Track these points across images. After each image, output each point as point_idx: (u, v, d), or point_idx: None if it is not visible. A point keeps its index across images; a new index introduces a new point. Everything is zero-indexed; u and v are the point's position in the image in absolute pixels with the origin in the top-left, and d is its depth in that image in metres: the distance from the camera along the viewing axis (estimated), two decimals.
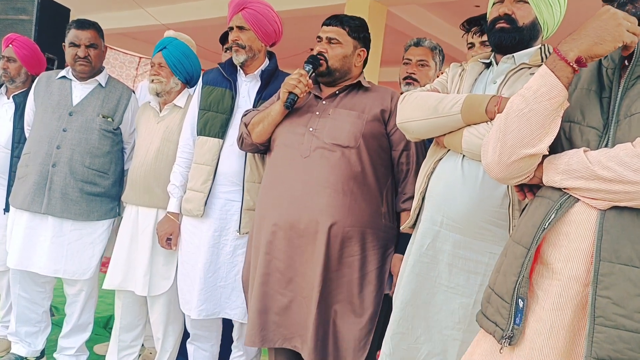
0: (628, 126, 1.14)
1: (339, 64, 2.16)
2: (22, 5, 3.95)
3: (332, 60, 2.15)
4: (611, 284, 1.07)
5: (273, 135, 2.20)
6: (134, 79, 9.48)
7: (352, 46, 2.18)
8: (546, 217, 1.18)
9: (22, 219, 2.65)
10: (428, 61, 2.72)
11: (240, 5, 2.37)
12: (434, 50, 2.76)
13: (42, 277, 2.74)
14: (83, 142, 2.62)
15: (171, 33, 2.89)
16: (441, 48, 2.82)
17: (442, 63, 2.83)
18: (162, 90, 2.57)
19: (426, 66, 2.72)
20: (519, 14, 1.64)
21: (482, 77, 1.74)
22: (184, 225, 2.47)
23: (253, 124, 2.21)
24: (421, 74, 2.70)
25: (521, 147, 1.19)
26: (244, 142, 2.26)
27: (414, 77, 2.69)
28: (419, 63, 2.71)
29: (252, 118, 2.22)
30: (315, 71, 2.16)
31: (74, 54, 2.64)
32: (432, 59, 2.74)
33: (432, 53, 2.75)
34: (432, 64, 2.74)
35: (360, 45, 2.20)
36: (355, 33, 2.18)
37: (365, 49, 2.23)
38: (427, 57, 2.72)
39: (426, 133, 1.72)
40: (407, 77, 2.69)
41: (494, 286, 1.28)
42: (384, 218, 2.11)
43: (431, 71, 2.73)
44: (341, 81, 2.20)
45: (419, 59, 2.71)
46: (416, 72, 2.69)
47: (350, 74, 2.20)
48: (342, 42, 2.16)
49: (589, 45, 1.15)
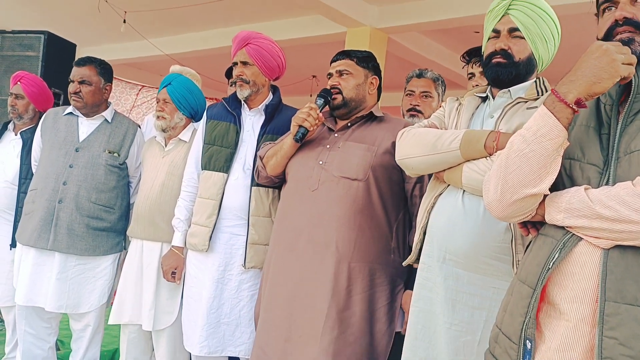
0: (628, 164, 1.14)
1: (354, 93, 2.17)
2: (29, 42, 4.03)
3: (346, 91, 2.17)
4: (617, 324, 1.06)
5: (287, 168, 2.21)
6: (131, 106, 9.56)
7: (363, 75, 2.20)
8: (550, 257, 1.17)
9: (29, 256, 2.66)
10: (431, 92, 2.74)
11: (244, 40, 2.41)
12: (437, 82, 2.78)
13: (48, 313, 2.74)
14: (89, 178, 2.65)
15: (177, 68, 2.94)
16: (443, 79, 2.85)
17: (444, 93, 2.86)
18: (167, 126, 2.62)
19: (429, 97, 2.74)
20: (515, 49, 1.65)
21: (479, 111, 1.76)
22: (189, 259, 2.47)
23: (267, 157, 2.23)
24: (425, 105, 2.72)
25: (523, 187, 1.19)
26: (260, 175, 2.28)
27: (418, 108, 2.71)
28: (422, 94, 2.73)
29: (267, 151, 2.24)
30: (329, 105, 2.18)
31: (69, 90, 2.72)
32: (434, 89, 2.76)
33: (434, 84, 2.77)
34: (435, 95, 2.76)
35: (371, 73, 2.23)
36: (364, 62, 2.21)
37: (377, 76, 2.24)
38: (430, 88, 2.75)
39: (426, 169, 1.73)
40: (411, 109, 2.71)
41: (501, 325, 1.27)
42: (394, 253, 2.07)
43: (434, 102, 2.75)
44: (356, 112, 2.21)
45: (422, 90, 2.73)
46: (420, 104, 2.71)
47: (366, 103, 2.21)
48: (353, 72, 2.19)
49: (587, 86, 1.16)
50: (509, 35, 1.66)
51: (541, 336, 1.18)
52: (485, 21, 1.74)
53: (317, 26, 7.23)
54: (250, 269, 2.35)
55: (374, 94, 2.24)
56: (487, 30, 1.73)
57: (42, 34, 4.07)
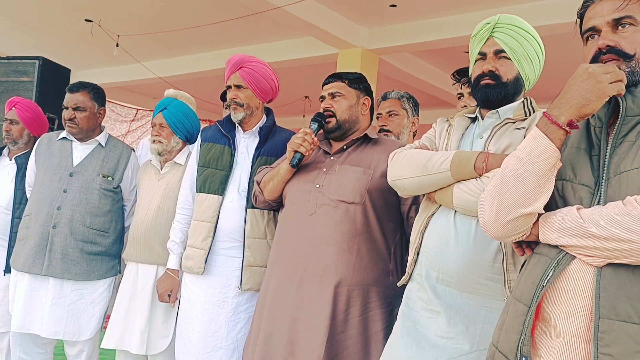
0: (618, 184, 1.16)
1: (347, 115, 2.19)
2: (23, 67, 4.07)
3: (339, 113, 2.18)
4: (612, 341, 1.08)
5: (284, 191, 2.22)
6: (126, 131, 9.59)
7: (355, 96, 2.22)
8: (545, 275, 1.19)
9: (23, 282, 2.65)
10: (397, 110, 2.85)
11: (238, 64, 2.44)
12: (401, 99, 2.88)
13: (43, 339, 2.72)
14: (83, 202, 2.65)
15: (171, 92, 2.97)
16: (409, 95, 2.93)
17: (414, 109, 2.92)
18: (164, 150, 2.64)
19: (396, 115, 2.85)
20: (502, 70, 1.69)
21: (469, 131, 1.79)
22: (184, 283, 2.46)
23: (264, 182, 2.24)
24: (392, 124, 2.84)
25: (517, 207, 1.22)
26: (257, 200, 2.29)
27: (386, 128, 2.83)
28: (389, 114, 2.84)
29: (264, 176, 2.25)
30: (323, 128, 2.20)
31: (63, 116, 2.73)
32: (400, 107, 2.86)
33: (399, 102, 2.87)
34: (401, 112, 2.86)
35: (362, 94, 2.25)
36: (355, 84, 2.23)
37: (369, 97, 2.27)
38: (395, 106, 2.86)
39: (417, 190, 1.75)
40: (381, 130, 2.82)
41: (497, 344, 1.29)
42: (392, 275, 2.06)
43: (403, 119, 2.85)
44: (350, 133, 2.22)
45: (388, 110, 2.85)
46: (387, 124, 2.83)
47: (359, 124, 2.23)
48: (345, 93, 2.21)
49: (577, 108, 1.19)
50: (495, 57, 1.70)
51: (537, 354, 1.20)
52: (470, 45, 1.78)
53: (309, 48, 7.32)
54: (246, 291, 2.35)
55: (367, 115, 2.26)
56: (473, 54, 1.77)
57: (37, 59, 4.11)
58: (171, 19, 7.00)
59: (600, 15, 1.27)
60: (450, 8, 6.12)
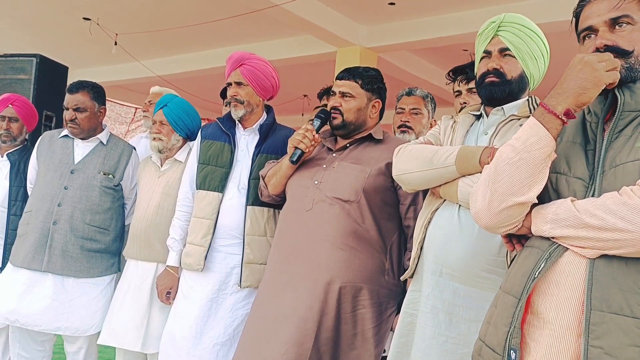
0: (614, 176, 1.16)
1: (354, 116, 2.16)
2: (20, 65, 4.04)
3: (346, 114, 2.16)
4: (603, 333, 1.07)
5: (286, 187, 2.22)
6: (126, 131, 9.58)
7: (366, 98, 2.18)
8: (536, 267, 1.18)
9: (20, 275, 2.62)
10: (421, 109, 2.83)
11: (238, 61, 2.44)
12: (426, 99, 2.87)
13: (42, 336, 2.71)
14: (84, 200, 2.65)
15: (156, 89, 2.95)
16: (432, 96, 2.93)
17: (434, 110, 2.93)
18: (164, 147, 2.64)
19: (419, 114, 2.83)
20: (507, 68, 1.70)
21: (474, 128, 1.80)
22: (182, 278, 2.46)
23: (269, 177, 2.25)
24: (415, 121, 2.81)
25: (511, 195, 1.21)
26: (262, 194, 2.31)
27: (408, 124, 2.80)
28: (412, 112, 2.82)
29: (268, 171, 2.26)
30: (328, 124, 2.19)
31: (64, 117, 2.73)
32: (424, 107, 2.85)
33: (424, 101, 2.86)
34: (424, 112, 2.85)
35: (374, 96, 2.20)
36: (369, 85, 2.18)
37: (380, 99, 2.22)
38: (420, 105, 2.84)
39: (422, 184, 1.76)
40: (402, 126, 2.80)
41: (484, 338, 1.27)
42: (388, 274, 2.06)
43: (424, 119, 2.84)
44: (356, 133, 2.21)
45: (412, 107, 2.82)
46: (410, 121, 2.80)
47: (366, 125, 2.21)
48: (355, 95, 2.17)
49: (574, 97, 1.19)
50: (500, 55, 1.71)
51: (526, 347, 1.18)
52: (476, 43, 1.80)
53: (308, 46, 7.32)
54: (245, 288, 2.35)
55: (375, 117, 2.23)
56: (478, 52, 1.78)
57: (34, 57, 4.08)
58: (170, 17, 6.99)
59: (597, 14, 1.26)
60: (449, 6, 6.13)
